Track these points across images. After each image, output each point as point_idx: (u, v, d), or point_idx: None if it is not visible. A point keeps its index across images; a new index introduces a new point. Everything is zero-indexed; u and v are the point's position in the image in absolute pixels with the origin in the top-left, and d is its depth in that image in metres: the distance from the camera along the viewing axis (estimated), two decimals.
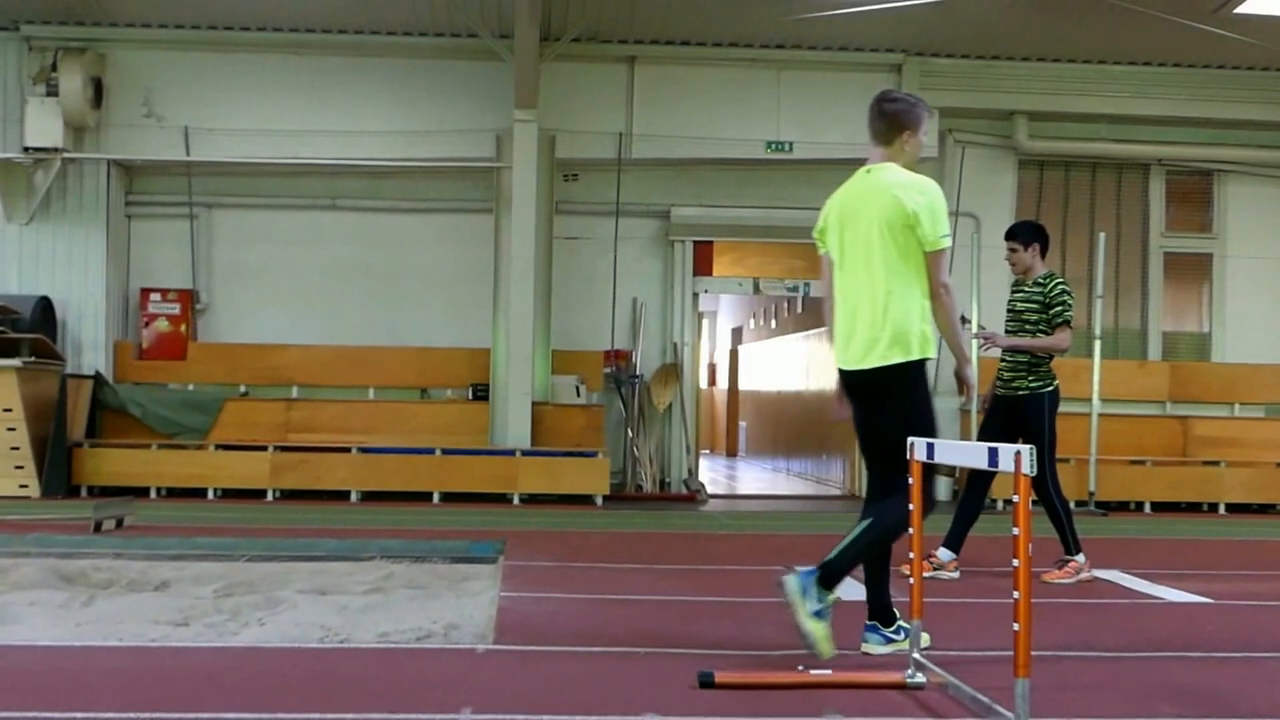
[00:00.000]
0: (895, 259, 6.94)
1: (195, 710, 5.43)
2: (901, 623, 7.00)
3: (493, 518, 14.57)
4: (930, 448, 5.88)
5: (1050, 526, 10.11)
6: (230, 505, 15.81)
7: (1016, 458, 4.76)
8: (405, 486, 16.70)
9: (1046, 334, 10.14)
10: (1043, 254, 10.42)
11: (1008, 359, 10.34)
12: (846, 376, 7.08)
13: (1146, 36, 17.46)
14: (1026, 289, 10.32)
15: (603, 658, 6.77)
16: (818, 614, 6.57)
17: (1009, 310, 10.49)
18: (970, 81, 18.58)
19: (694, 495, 18.22)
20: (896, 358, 6.80)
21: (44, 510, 14.10)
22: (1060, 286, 10.17)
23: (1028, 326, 10.24)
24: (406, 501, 16.35)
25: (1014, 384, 10.20)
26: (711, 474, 22.07)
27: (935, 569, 10.02)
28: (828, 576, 6.70)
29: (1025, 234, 10.43)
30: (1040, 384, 10.13)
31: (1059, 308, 10.11)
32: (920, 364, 6.84)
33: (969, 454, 5.54)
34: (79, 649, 6.76)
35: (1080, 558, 10.04)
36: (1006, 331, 10.46)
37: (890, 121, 7.33)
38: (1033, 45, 18.19)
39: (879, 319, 6.86)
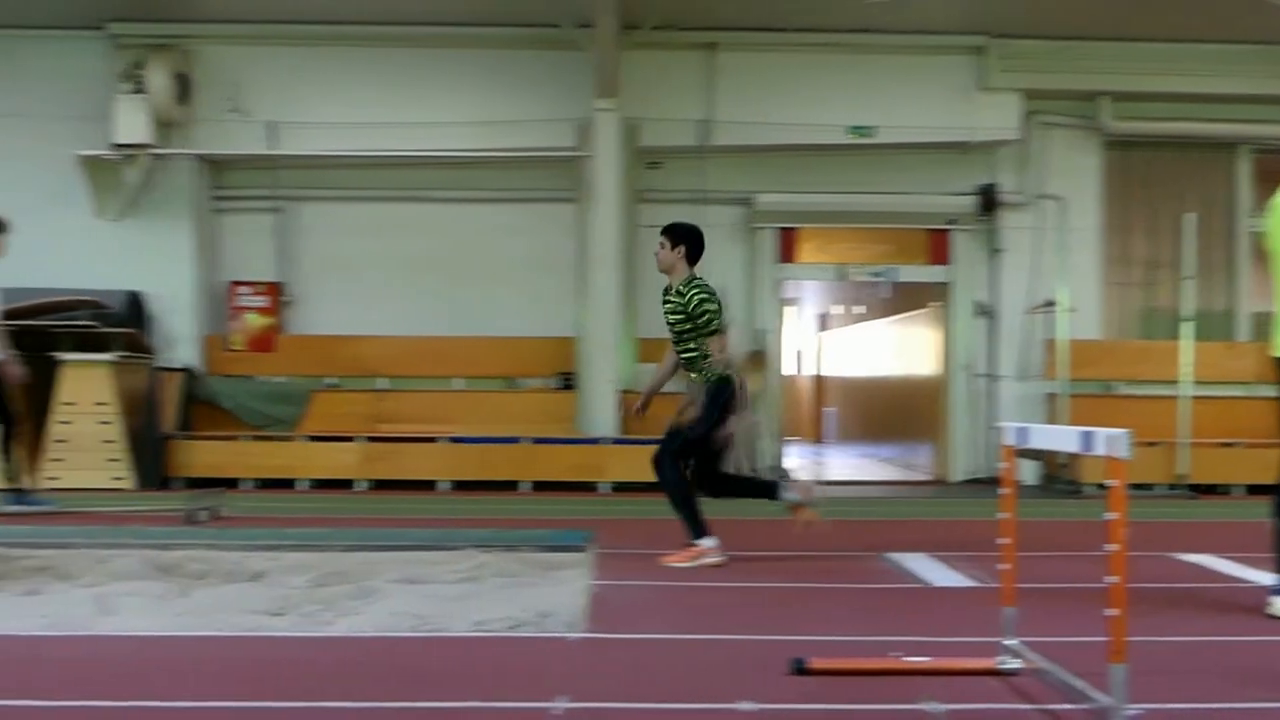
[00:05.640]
0: None
1: (294, 699, 5.50)
2: None
3: (581, 506, 14.63)
4: (1023, 432, 5.86)
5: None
6: (320, 496, 15.95)
7: (1108, 443, 4.74)
8: (493, 476, 16.77)
9: (693, 341, 10.09)
10: (691, 259, 10.25)
11: (682, 355, 10.31)
12: None
13: (1231, 13, 17.21)
14: (671, 297, 10.18)
15: (694, 645, 6.80)
16: None
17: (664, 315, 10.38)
18: (1053, 63, 18.39)
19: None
20: None
21: (138, 502, 14.27)
22: (698, 296, 10.02)
23: (676, 331, 10.17)
24: (494, 491, 16.42)
25: (692, 375, 10.22)
26: (798, 461, 22.02)
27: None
28: None
29: (675, 234, 10.33)
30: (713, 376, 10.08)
31: (704, 318, 10.02)
32: None
33: (1061, 439, 5.50)
34: (177, 639, 6.85)
35: (706, 542, 9.93)
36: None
37: None
38: (1116, 24, 17.94)
39: None
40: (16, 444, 13.30)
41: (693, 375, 10.24)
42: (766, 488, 10.74)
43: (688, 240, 10.27)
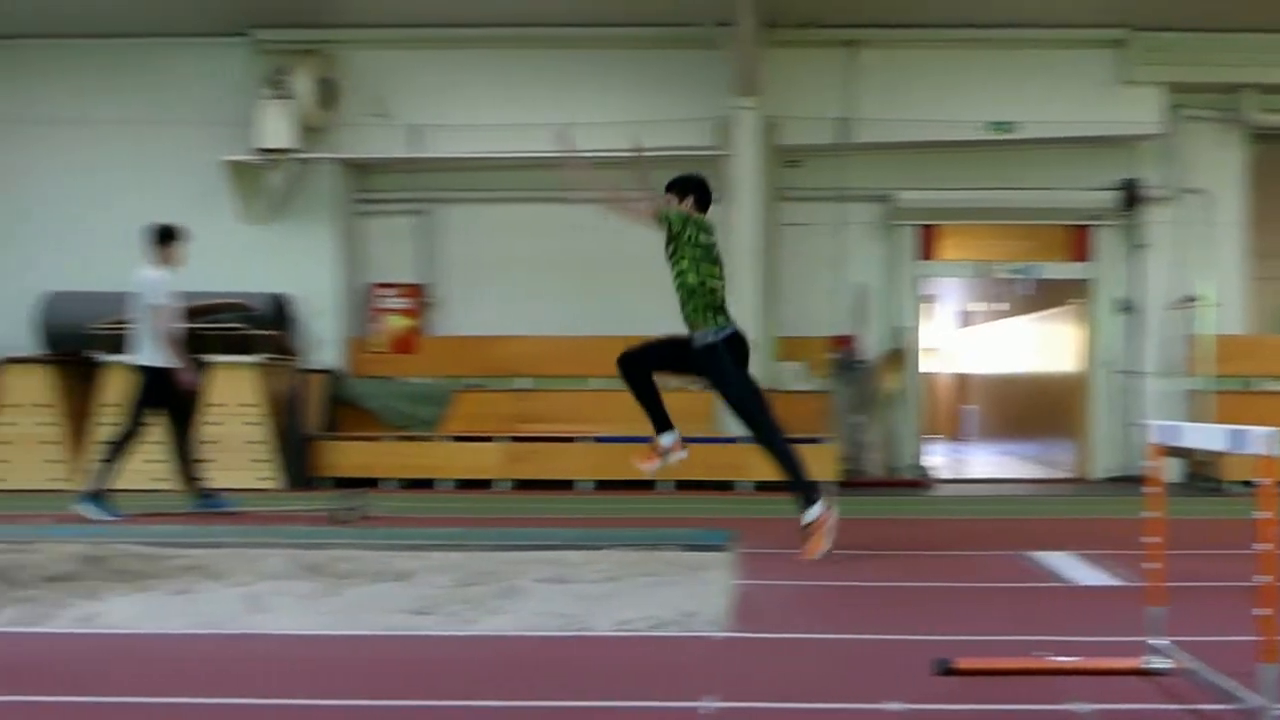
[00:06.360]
0: None
1: (442, 699, 5.57)
2: None
3: (721, 505, 14.65)
4: (1171, 430, 5.80)
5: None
6: (462, 496, 16.09)
7: (1261, 440, 4.69)
8: (634, 475, 16.75)
9: (674, 269, 10.55)
10: (701, 207, 10.61)
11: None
12: None
13: None
14: None
15: (839, 644, 6.79)
16: None
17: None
18: (1196, 55, 18.13)
19: (922, 480, 18.13)
20: None
21: (285, 502, 14.47)
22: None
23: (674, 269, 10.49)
24: (634, 490, 16.45)
25: (689, 326, 10.44)
26: (939, 459, 21.93)
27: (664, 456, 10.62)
28: None
29: (680, 187, 10.64)
30: (709, 333, 10.28)
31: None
32: None
33: (1211, 437, 5.43)
34: (326, 638, 6.95)
35: (815, 511, 9.97)
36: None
37: None
38: (1259, 15, 17.58)
39: None
40: (177, 448, 13.56)
41: (690, 326, 10.47)
42: (662, 420, 10.86)
43: (695, 190, 10.62)
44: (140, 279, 13.21)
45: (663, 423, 10.72)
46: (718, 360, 10.22)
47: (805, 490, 10.09)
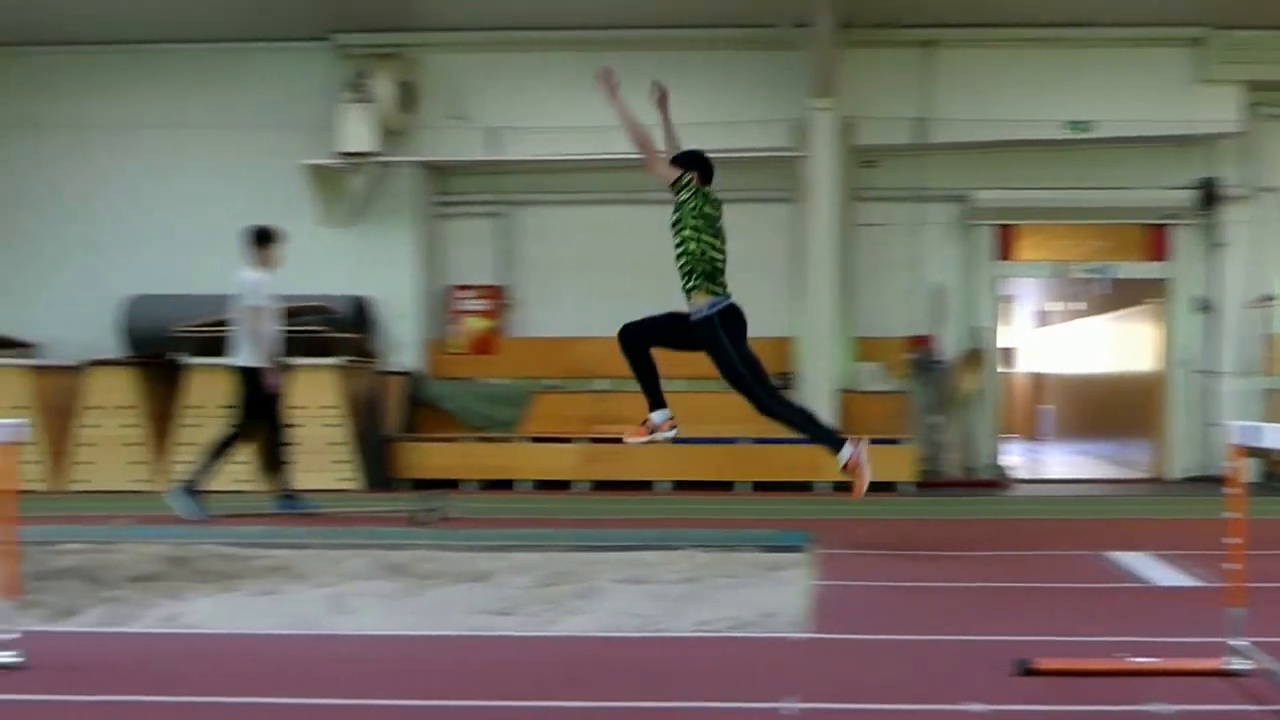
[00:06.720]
0: None
1: (524, 699, 5.63)
2: None
3: (799, 506, 14.65)
4: (1253, 431, 5.79)
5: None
6: (540, 496, 16.16)
7: None
8: (712, 476, 16.83)
9: (676, 237, 10.89)
10: (703, 180, 10.89)
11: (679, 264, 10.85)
12: None
13: None
14: None
15: (919, 645, 6.81)
16: None
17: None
18: (1275, 53, 17.85)
19: (999, 480, 18.07)
20: None
21: (365, 503, 14.58)
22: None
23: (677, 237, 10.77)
24: (711, 491, 16.48)
25: (687, 298, 10.77)
26: (1016, 458, 21.84)
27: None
28: None
29: (680, 161, 11.00)
30: (705, 305, 10.64)
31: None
32: None
33: None
34: (409, 638, 7.03)
35: (847, 452, 10.23)
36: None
37: None
38: None
39: None
40: (264, 449, 13.76)
41: (688, 294, 10.81)
42: (656, 396, 11.19)
43: (699, 165, 10.93)
44: (239, 280, 13.41)
45: (656, 399, 11.00)
46: (714, 334, 10.48)
47: (828, 441, 10.43)
